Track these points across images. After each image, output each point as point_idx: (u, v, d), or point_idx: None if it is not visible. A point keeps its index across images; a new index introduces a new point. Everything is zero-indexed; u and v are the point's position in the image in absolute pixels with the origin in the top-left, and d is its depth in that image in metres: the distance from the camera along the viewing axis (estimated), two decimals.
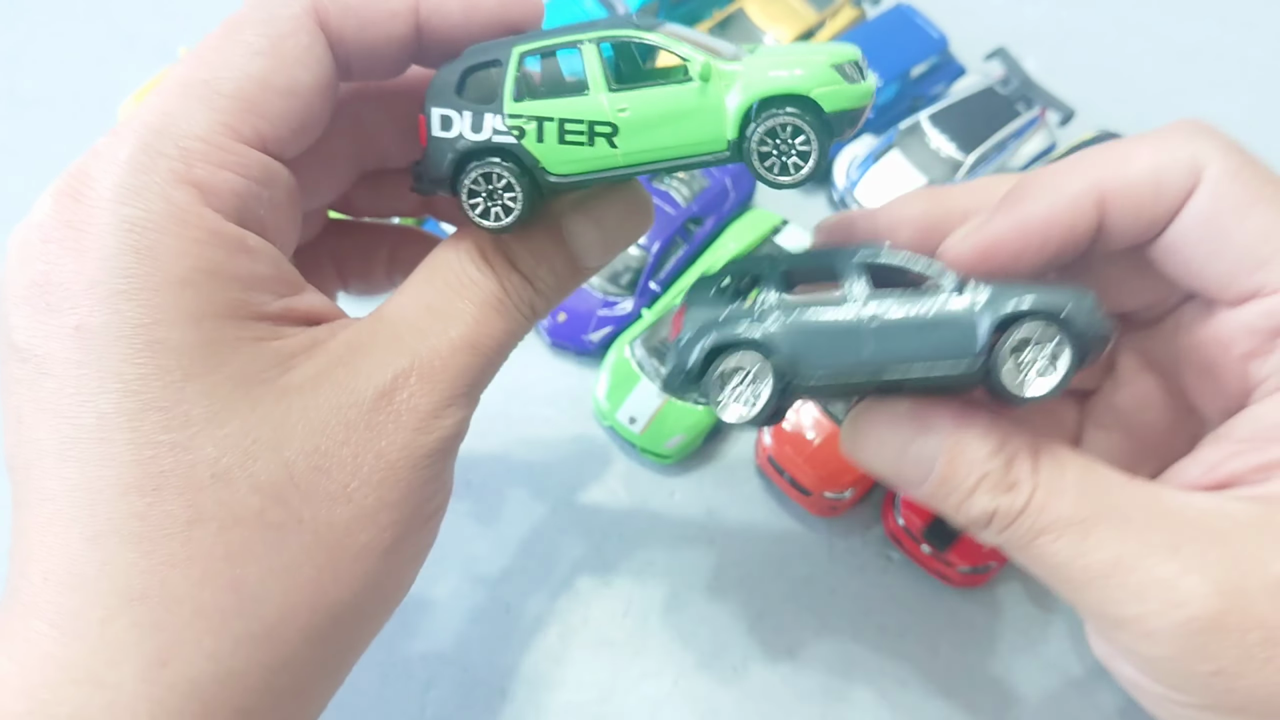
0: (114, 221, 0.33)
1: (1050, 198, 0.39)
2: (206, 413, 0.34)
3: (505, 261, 0.40)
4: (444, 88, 0.38)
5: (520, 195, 0.37)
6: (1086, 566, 0.36)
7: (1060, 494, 0.37)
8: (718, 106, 0.36)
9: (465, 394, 0.39)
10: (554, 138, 0.37)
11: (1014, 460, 0.38)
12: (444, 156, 0.37)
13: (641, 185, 0.43)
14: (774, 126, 0.36)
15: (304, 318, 0.38)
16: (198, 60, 0.36)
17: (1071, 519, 0.36)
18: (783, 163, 0.36)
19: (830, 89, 0.36)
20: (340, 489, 0.36)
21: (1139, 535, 0.35)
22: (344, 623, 0.37)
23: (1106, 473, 0.38)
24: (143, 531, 0.33)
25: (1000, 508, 0.37)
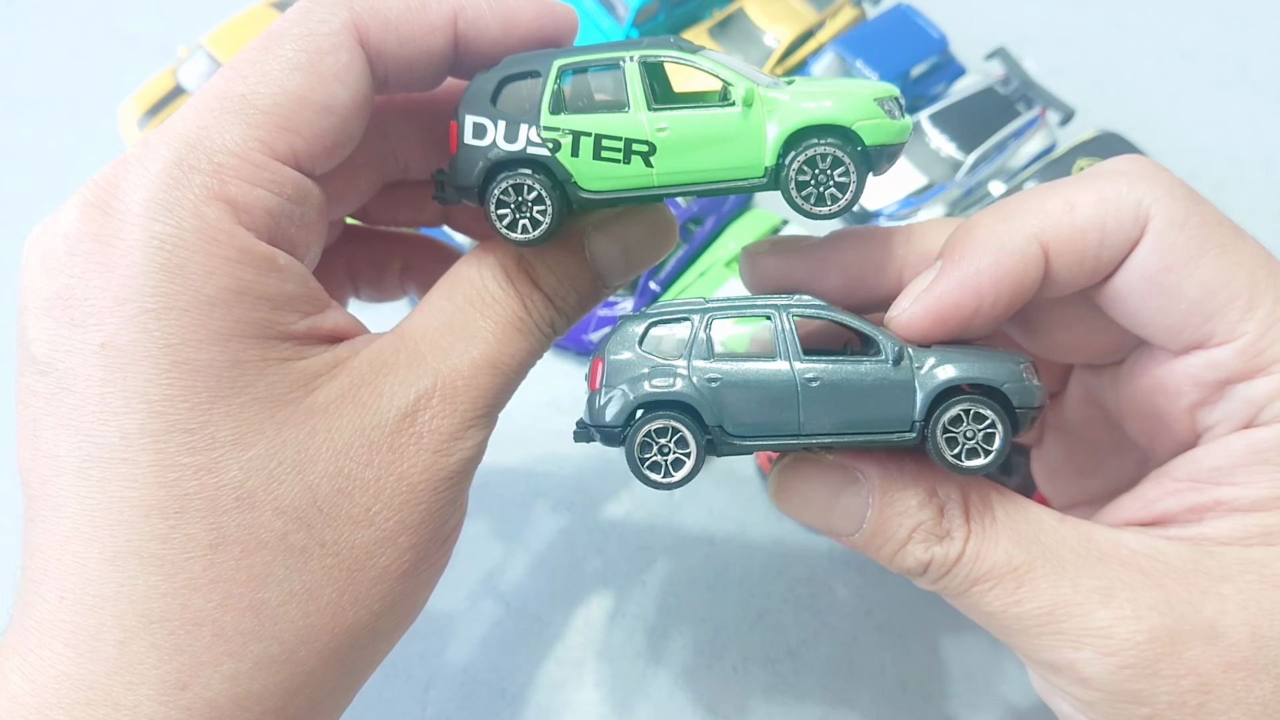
0: (143, 238, 0.33)
1: (995, 253, 0.37)
2: (232, 435, 0.34)
3: (528, 280, 0.40)
4: (479, 96, 0.37)
5: (550, 209, 0.37)
6: (1021, 615, 0.36)
7: (993, 542, 0.36)
8: (758, 132, 0.36)
9: (485, 415, 0.39)
10: (589, 153, 0.36)
11: (945, 509, 0.37)
12: (475, 165, 0.37)
13: (666, 206, 0.42)
14: (814, 156, 0.35)
15: (328, 336, 0.37)
16: (234, 73, 0.35)
17: (1005, 567, 0.36)
18: (819, 193, 0.36)
19: (872, 122, 0.36)
20: (362, 512, 0.36)
21: (1072, 581, 0.35)
22: (360, 645, 0.37)
23: (1039, 515, 0.37)
24: (164, 554, 0.33)
25: (935, 558, 0.37)
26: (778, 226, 0.85)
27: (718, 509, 0.76)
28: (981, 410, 0.36)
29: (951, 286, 0.37)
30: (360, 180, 0.44)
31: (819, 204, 0.36)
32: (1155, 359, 0.39)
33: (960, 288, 0.37)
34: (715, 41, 0.95)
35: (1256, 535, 0.35)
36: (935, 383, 0.36)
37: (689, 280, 0.82)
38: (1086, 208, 0.37)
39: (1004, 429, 0.36)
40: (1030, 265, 0.37)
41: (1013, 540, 0.36)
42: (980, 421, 0.36)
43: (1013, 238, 0.37)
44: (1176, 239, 0.36)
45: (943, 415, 0.36)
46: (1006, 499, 0.38)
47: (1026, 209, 0.37)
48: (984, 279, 0.37)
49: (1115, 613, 0.34)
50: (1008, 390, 0.36)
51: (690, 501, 0.76)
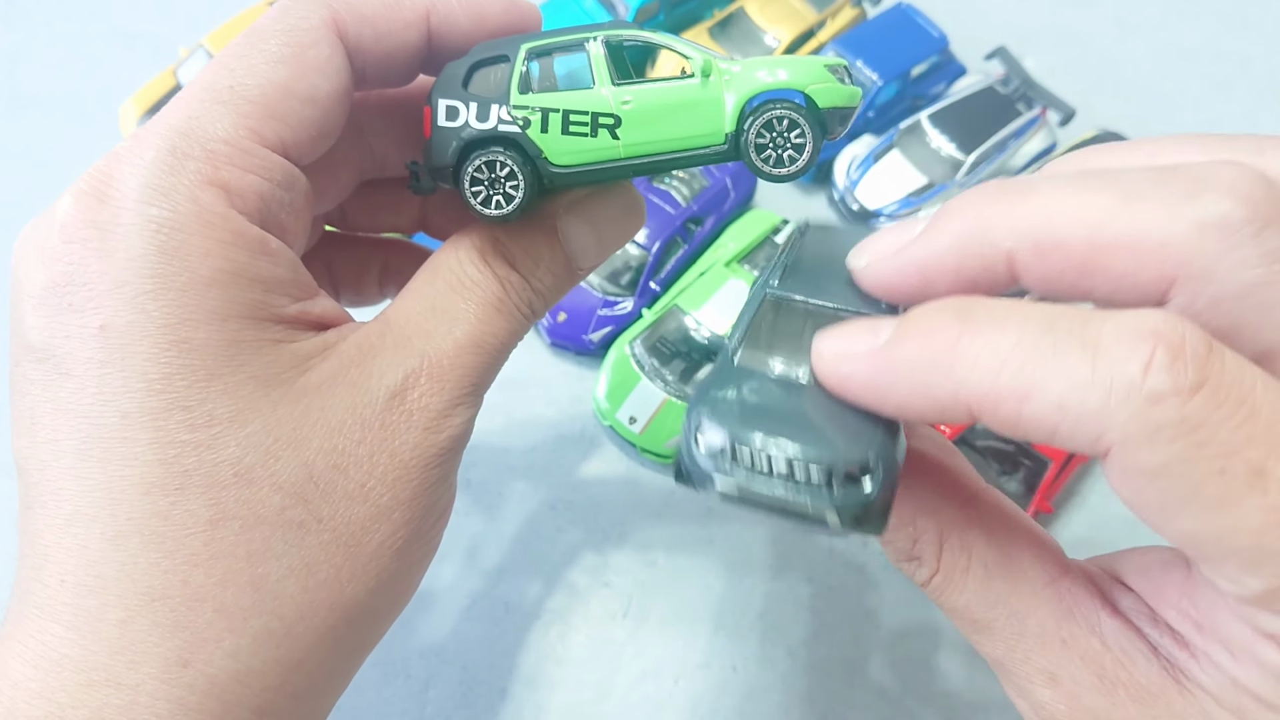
0: (140, 222, 0.33)
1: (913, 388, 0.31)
2: (230, 412, 0.34)
3: (504, 262, 0.41)
4: (451, 80, 0.39)
5: (522, 184, 0.38)
6: (979, 648, 0.36)
7: (958, 590, 0.36)
8: (717, 100, 0.38)
9: (471, 393, 0.39)
10: (558, 128, 0.38)
11: (918, 541, 0.36)
12: (449, 145, 0.38)
13: (634, 187, 0.44)
14: (770, 119, 0.37)
15: (316, 322, 0.38)
16: (221, 67, 0.36)
17: (965, 615, 0.36)
18: (778, 155, 0.38)
19: (823, 86, 0.38)
20: (358, 488, 0.36)
21: (1025, 653, 0.35)
22: (357, 622, 0.37)
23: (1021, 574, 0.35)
24: (165, 531, 0.33)
25: (905, 571, 0.37)
26: (778, 226, 0.85)
27: (718, 509, 0.76)
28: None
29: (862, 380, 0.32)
30: (340, 176, 0.45)
31: (778, 165, 0.38)
32: None
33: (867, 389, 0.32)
34: (715, 41, 0.95)
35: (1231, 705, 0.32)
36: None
37: (689, 279, 0.82)
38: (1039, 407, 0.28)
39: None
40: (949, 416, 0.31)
41: (978, 596, 0.35)
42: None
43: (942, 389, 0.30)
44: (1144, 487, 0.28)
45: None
46: (994, 549, 0.35)
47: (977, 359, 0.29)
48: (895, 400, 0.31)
49: (1054, 697, 0.34)
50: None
51: (690, 501, 0.76)
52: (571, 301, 0.82)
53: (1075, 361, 0.28)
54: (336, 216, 0.50)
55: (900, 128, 0.90)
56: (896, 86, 0.92)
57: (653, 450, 0.76)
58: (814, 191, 0.93)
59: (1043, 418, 0.28)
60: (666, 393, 0.76)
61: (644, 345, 0.79)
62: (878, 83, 0.90)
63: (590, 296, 0.83)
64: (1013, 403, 0.29)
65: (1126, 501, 0.30)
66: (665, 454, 0.76)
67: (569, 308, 0.82)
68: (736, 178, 0.87)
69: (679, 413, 0.75)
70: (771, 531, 0.75)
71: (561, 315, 0.82)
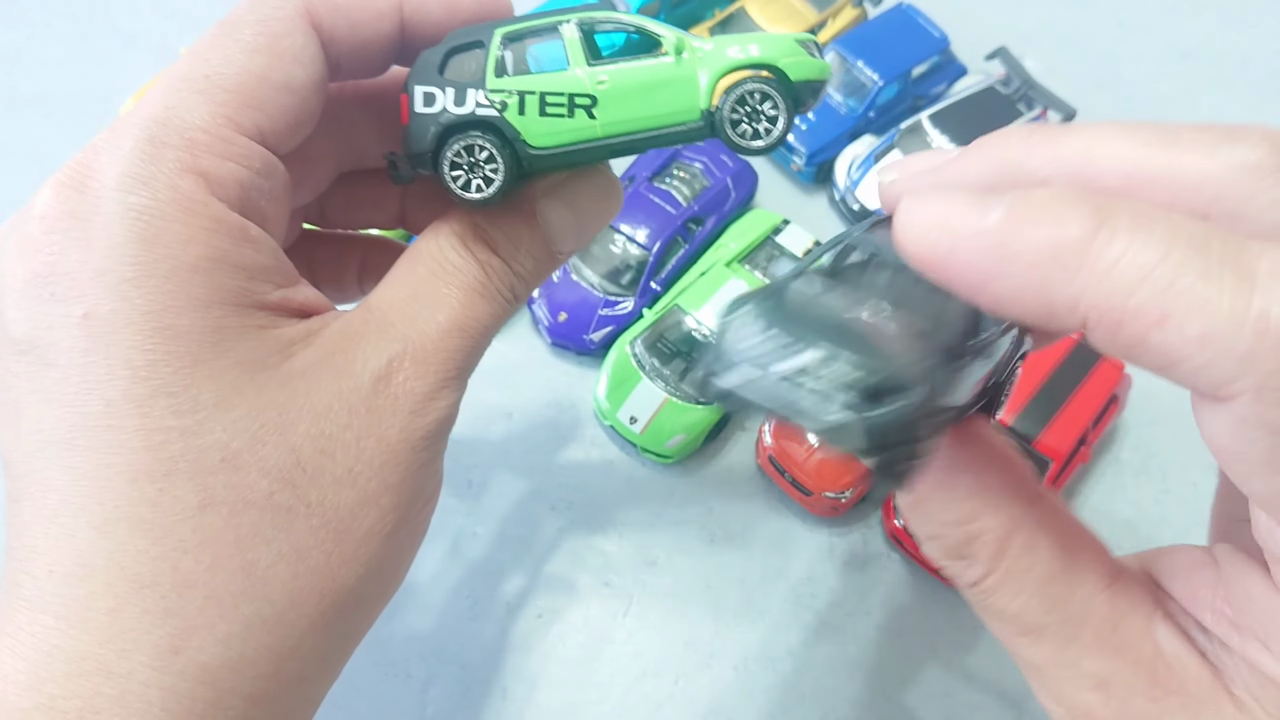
0: (120, 210, 0.33)
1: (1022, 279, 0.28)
2: (215, 397, 0.34)
3: (485, 247, 0.41)
4: (427, 67, 0.39)
5: (502, 167, 0.38)
6: (1018, 654, 0.35)
7: (1014, 592, 0.34)
8: (691, 77, 0.38)
9: (456, 376, 0.39)
10: (535, 110, 0.38)
11: (976, 540, 0.35)
12: (427, 130, 0.38)
13: (610, 170, 0.44)
14: (744, 94, 0.38)
15: (299, 309, 0.38)
16: (196, 57, 0.36)
17: (1017, 619, 0.35)
18: (754, 128, 0.38)
19: (795, 59, 0.38)
20: (345, 472, 0.36)
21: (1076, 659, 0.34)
22: (347, 608, 0.37)
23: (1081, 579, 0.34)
24: (153, 518, 0.33)
25: (950, 570, 0.36)
26: (779, 227, 0.85)
27: (718, 509, 0.76)
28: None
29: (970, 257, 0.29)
30: (319, 168, 0.45)
31: (754, 139, 0.38)
32: None
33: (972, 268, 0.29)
34: None
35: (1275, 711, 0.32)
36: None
37: (690, 279, 0.82)
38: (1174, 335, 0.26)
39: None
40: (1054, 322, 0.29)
41: (1036, 599, 0.34)
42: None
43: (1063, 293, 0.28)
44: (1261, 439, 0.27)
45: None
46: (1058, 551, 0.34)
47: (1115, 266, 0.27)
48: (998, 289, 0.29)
49: (1102, 701, 0.33)
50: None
51: (690, 501, 0.76)
52: (572, 301, 0.82)
53: (1230, 293, 0.25)
54: (315, 214, 0.50)
55: (901, 128, 0.90)
56: (897, 87, 0.92)
57: (653, 450, 0.76)
58: (814, 191, 0.93)
59: (1175, 348, 0.26)
60: (667, 393, 0.76)
61: (644, 345, 0.79)
62: (878, 83, 0.90)
63: (591, 296, 0.83)
64: (1143, 324, 0.26)
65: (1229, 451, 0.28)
66: (665, 454, 0.76)
67: (569, 307, 0.82)
68: (737, 178, 0.87)
69: (679, 413, 0.75)
70: (772, 531, 0.75)
71: (562, 315, 0.82)
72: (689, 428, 0.75)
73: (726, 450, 0.79)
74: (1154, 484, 0.78)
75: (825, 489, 0.72)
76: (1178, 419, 0.81)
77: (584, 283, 0.83)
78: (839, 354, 0.28)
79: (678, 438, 0.75)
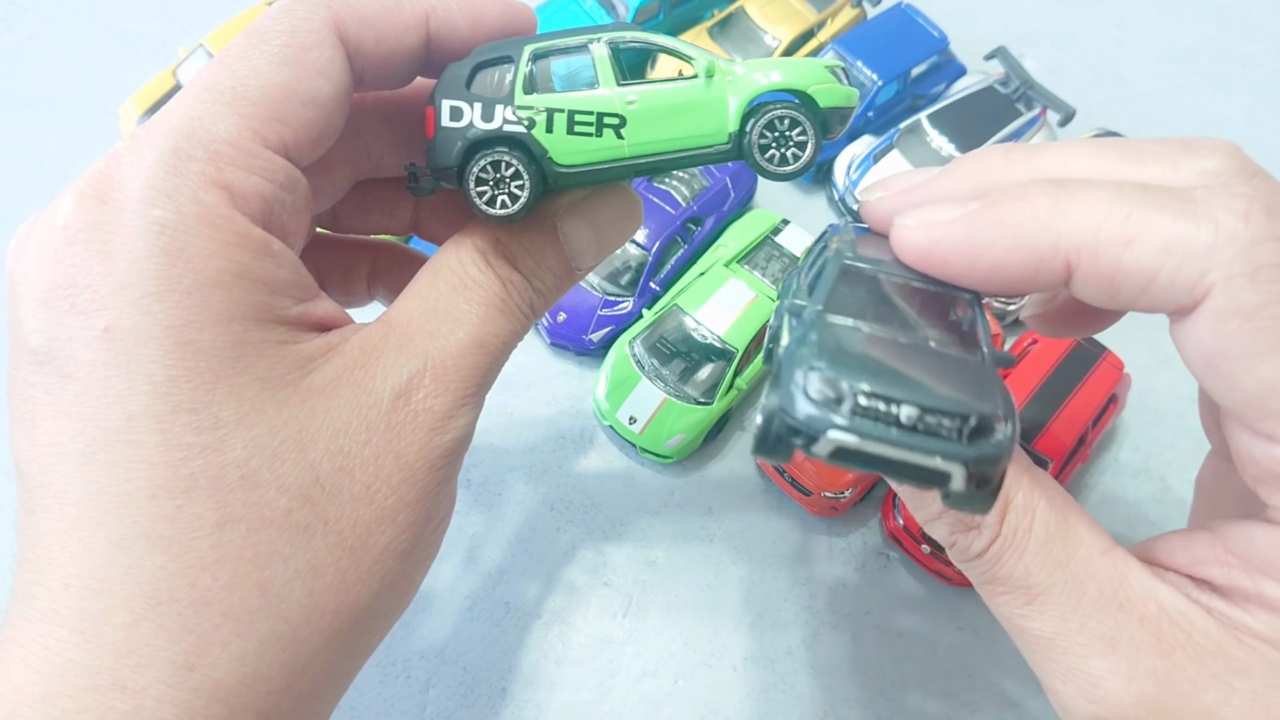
0: (143, 223, 0.33)
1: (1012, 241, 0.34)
2: (236, 414, 0.34)
3: (506, 263, 0.41)
4: (454, 81, 0.39)
5: (528, 184, 0.38)
6: (1024, 629, 0.36)
7: (1018, 554, 0.36)
8: (721, 101, 0.38)
9: (475, 393, 0.40)
10: (563, 128, 0.38)
11: None
12: (453, 145, 0.38)
13: (632, 188, 0.44)
14: (773, 119, 0.38)
15: (319, 323, 0.38)
16: (223, 67, 0.36)
17: (1023, 582, 0.36)
18: (781, 154, 0.39)
19: (825, 87, 0.39)
20: (363, 489, 0.36)
21: (1081, 620, 0.35)
22: (362, 625, 0.37)
23: (1079, 540, 0.36)
24: (172, 534, 0.33)
25: (959, 544, 0.37)
26: (778, 227, 0.85)
27: (718, 509, 0.76)
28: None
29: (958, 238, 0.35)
30: (336, 176, 0.45)
31: (781, 164, 0.39)
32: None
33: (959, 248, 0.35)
34: (715, 42, 0.95)
35: None
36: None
37: (689, 279, 0.82)
38: (1143, 250, 0.31)
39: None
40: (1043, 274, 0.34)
41: (1039, 559, 0.36)
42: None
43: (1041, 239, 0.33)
44: (1239, 328, 0.31)
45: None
46: (1054, 512, 0.37)
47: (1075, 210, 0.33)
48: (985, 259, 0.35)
49: (1110, 666, 0.34)
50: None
51: (690, 501, 0.76)
52: (571, 301, 0.82)
53: (1179, 211, 0.31)
54: (328, 218, 0.50)
55: (900, 128, 0.90)
56: (896, 86, 0.92)
57: (653, 450, 0.76)
58: (814, 191, 0.93)
59: (1146, 262, 0.31)
60: (666, 393, 0.76)
61: (644, 345, 0.79)
62: (878, 83, 0.90)
63: (590, 296, 0.83)
64: (1116, 248, 0.31)
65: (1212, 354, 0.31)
66: (665, 454, 0.76)
67: (569, 308, 0.82)
68: (736, 178, 0.87)
69: (679, 413, 0.75)
70: (772, 531, 0.75)
71: (561, 315, 0.82)
72: (689, 428, 0.75)
73: (726, 450, 0.79)
74: (1154, 484, 0.78)
75: (824, 489, 0.72)
76: (1177, 419, 0.81)
77: (584, 283, 0.83)
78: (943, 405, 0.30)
79: (677, 438, 0.75)
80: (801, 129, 0.38)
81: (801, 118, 0.38)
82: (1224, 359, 0.32)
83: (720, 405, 0.76)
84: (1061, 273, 0.33)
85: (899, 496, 0.72)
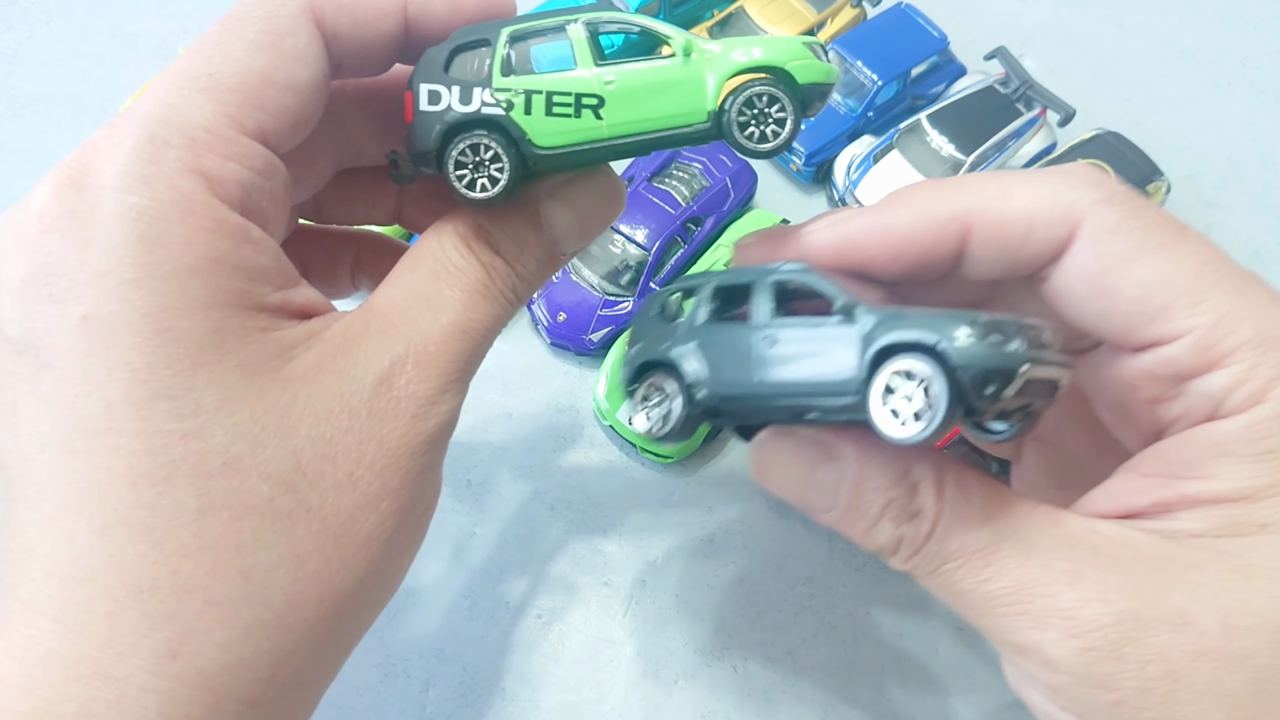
0: (120, 210, 0.33)
1: (915, 214, 0.40)
2: (216, 401, 0.34)
3: (489, 248, 0.41)
4: (432, 65, 0.39)
5: (507, 166, 0.38)
6: (989, 594, 0.36)
7: (963, 521, 0.36)
8: (699, 79, 0.38)
9: (458, 379, 0.39)
10: (541, 110, 0.38)
11: (917, 488, 0.37)
12: (432, 129, 0.38)
13: (613, 171, 0.44)
14: (751, 96, 0.38)
15: (299, 310, 0.38)
16: (199, 54, 0.36)
17: (974, 545, 0.36)
18: (761, 131, 0.38)
19: (803, 63, 0.38)
20: (346, 476, 0.36)
21: (1041, 562, 0.35)
22: (346, 612, 0.37)
23: (1013, 499, 0.37)
24: (153, 522, 0.33)
25: (906, 536, 0.37)
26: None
27: (718, 509, 0.76)
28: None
29: (864, 226, 0.40)
30: (318, 164, 0.45)
31: (761, 141, 0.39)
32: (1115, 354, 0.40)
33: (871, 231, 0.40)
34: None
35: (1225, 527, 0.35)
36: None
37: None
38: (1019, 199, 0.38)
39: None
40: (945, 237, 0.39)
41: (983, 520, 0.36)
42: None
43: (938, 209, 0.39)
44: (1110, 242, 0.37)
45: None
46: (982, 483, 0.38)
47: (962, 187, 0.40)
48: (895, 231, 0.40)
49: (1082, 595, 0.34)
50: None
51: (690, 501, 0.76)
52: (572, 301, 0.82)
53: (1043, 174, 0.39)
54: (311, 209, 0.49)
55: (900, 128, 0.90)
56: (896, 86, 0.92)
57: (653, 450, 0.76)
58: (814, 192, 0.93)
59: (1024, 206, 0.38)
60: None
61: None
62: (878, 83, 0.90)
63: (590, 296, 0.83)
64: (999, 202, 0.39)
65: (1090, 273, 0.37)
66: (665, 454, 0.76)
67: (569, 308, 0.82)
68: (736, 178, 0.87)
69: None
70: (772, 531, 0.75)
71: (561, 315, 0.82)
72: None
73: (726, 450, 0.79)
74: None
75: None
76: None
77: (583, 283, 0.83)
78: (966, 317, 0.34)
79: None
80: (780, 105, 0.38)
81: (780, 94, 0.38)
82: (1104, 274, 0.37)
83: None
84: (957, 237, 0.39)
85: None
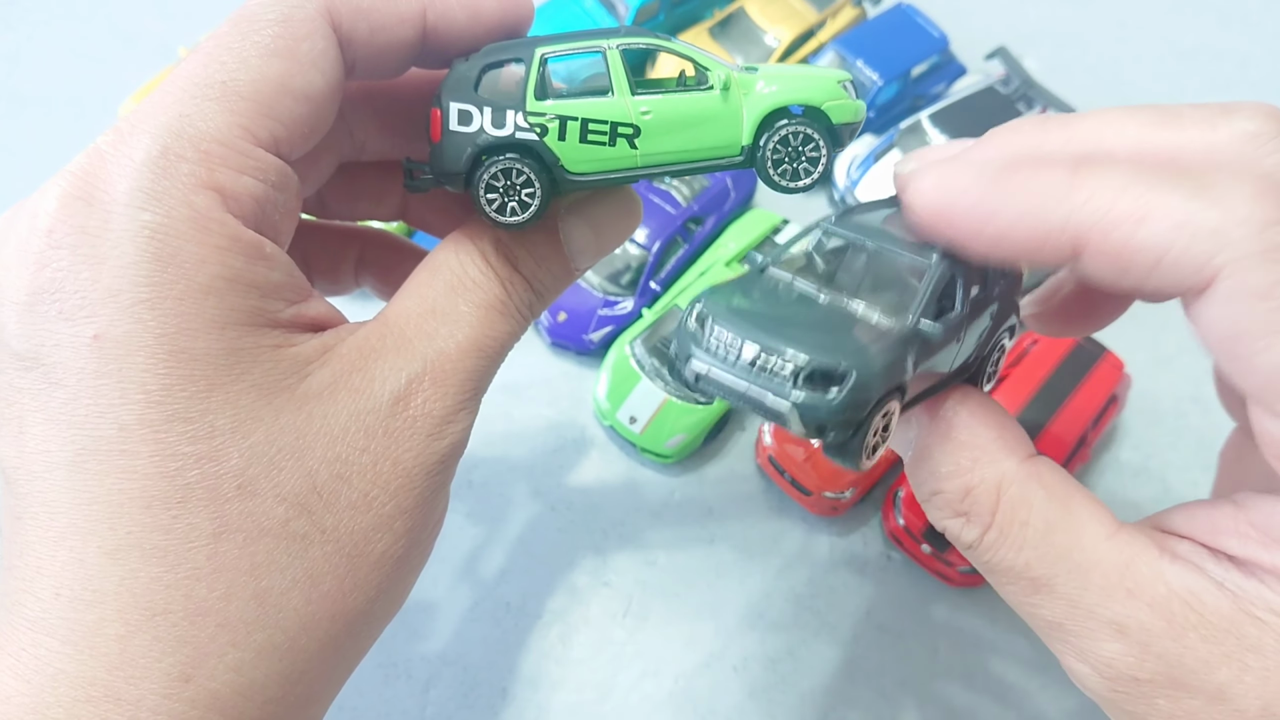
0: (133, 228, 0.32)
1: (1023, 212, 0.33)
2: (231, 422, 0.33)
3: (507, 264, 0.40)
4: (462, 83, 0.38)
5: (539, 192, 0.38)
6: (1031, 615, 0.36)
7: (1015, 548, 0.36)
8: (736, 114, 0.38)
9: (473, 397, 0.39)
10: (575, 136, 0.38)
11: (972, 492, 0.36)
12: (463, 151, 0.38)
13: (632, 188, 0.44)
14: (787, 134, 0.38)
15: (312, 324, 0.37)
16: (211, 59, 0.35)
17: (1024, 574, 0.35)
18: (794, 168, 0.39)
19: (838, 103, 0.39)
20: (361, 497, 0.36)
21: (1090, 608, 0.34)
22: (356, 631, 0.37)
23: (1082, 528, 0.35)
24: (167, 545, 0.32)
25: (950, 529, 0.37)
26: (778, 226, 0.85)
27: (718, 509, 0.76)
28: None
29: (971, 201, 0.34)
30: (321, 161, 0.44)
31: (794, 179, 0.39)
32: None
33: (974, 210, 0.34)
34: (715, 41, 0.95)
35: None
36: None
37: (689, 279, 0.82)
38: (1153, 229, 0.31)
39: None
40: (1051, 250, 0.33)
41: (1039, 553, 0.35)
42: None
43: (1052, 213, 0.32)
44: (1250, 310, 0.30)
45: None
46: (1055, 503, 0.36)
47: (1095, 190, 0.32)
48: (994, 225, 0.34)
49: (1122, 649, 0.34)
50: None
51: (690, 501, 0.76)
52: (572, 301, 0.82)
53: (1191, 190, 0.31)
54: (315, 205, 0.49)
55: (900, 127, 0.90)
56: (897, 86, 0.92)
57: (653, 450, 0.76)
58: (814, 191, 0.93)
59: (1158, 239, 0.31)
60: (666, 393, 0.76)
61: (644, 345, 0.79)
62: (878, 83, 0.90)
63: (590, 296, 0.83)
64: (1129, 226, 0.31)
65: (1226, 335, 0.31)
66: (665, 454, 0.76)
67: (569, 308, 0.82)
68: (737, 178, 0.87)
69: (679, 413, 0.75)
70: (772, 531, 0.75)
71: (562, 315, 0.82)
72: (689, 428, 0.75)
73: (726, 450, 0.79)
74: (1154, 484, 0.78)
75: (825, 489, 0.72)
76: (1177, 419, 0.81)
77: (584, 283, 0.83)
78: (780, 347, 0.33)
79: (677, 438, 0.75)
80: (815, 145, 0.38)
81: (815, 134, 0.38)
82: (1238, 341, 0.31)
83: (720, 405, 0.76)
84: (1066, 249, 0.33)
85: (899, 496, 0.72)
